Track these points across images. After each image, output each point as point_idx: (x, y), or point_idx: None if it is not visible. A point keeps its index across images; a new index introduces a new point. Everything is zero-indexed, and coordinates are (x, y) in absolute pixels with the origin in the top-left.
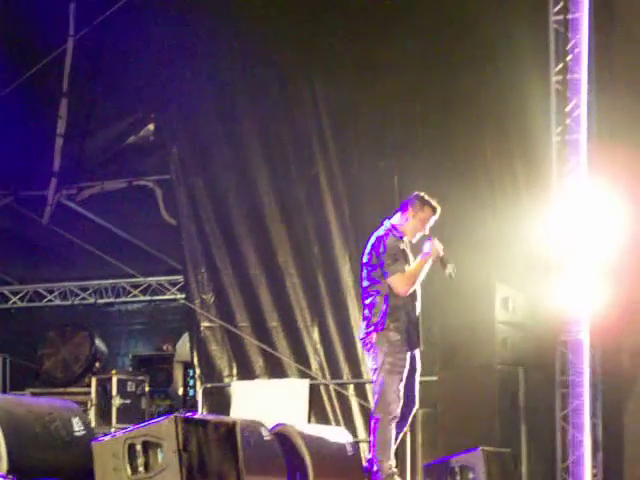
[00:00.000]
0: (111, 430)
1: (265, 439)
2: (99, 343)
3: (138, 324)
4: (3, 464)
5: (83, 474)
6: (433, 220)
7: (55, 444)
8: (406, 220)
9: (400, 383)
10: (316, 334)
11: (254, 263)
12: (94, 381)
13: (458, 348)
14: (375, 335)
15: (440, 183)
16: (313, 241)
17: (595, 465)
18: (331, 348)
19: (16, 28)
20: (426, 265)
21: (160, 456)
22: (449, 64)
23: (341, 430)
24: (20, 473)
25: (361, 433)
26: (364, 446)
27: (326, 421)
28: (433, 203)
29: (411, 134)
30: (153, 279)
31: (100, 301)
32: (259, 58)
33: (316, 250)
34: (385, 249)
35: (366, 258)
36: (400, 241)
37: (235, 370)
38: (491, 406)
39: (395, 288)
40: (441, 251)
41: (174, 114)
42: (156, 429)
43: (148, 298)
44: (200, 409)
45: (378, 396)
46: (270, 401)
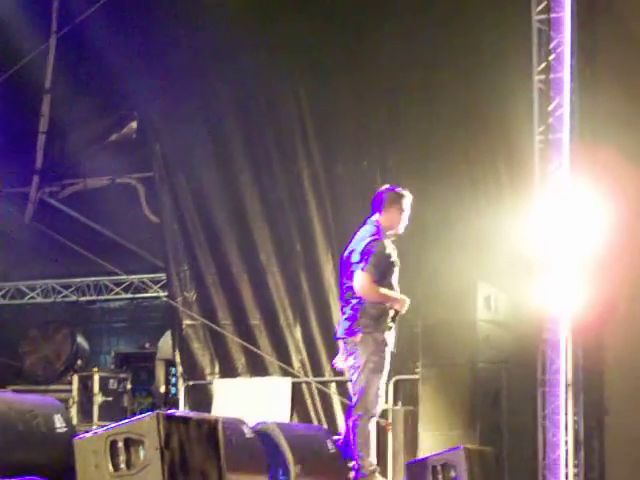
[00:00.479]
0: (93, 427)
1: (247, 437)
2: (81, 341)
3: (120, 322)
4: None
5: (65, 471)
6: (409, 204)
7: (36, 441)
8: (386, 216)
9: (380, 382)
10: (298, 332)
11: (236, 261)
12: (76, 379)
13: (440, 346)
14: (361, 335)
15: (423, 182)
16: (296, 239)
17: (577, 464)
18: (313, 346)
19: None
20: (392, 303)
21: (142, 453)
22: (432, 64)
23: (323, 428)
24: (1, 470)
25: (343, 430)
26: None
27: (308, 419)
28: (399, 191)
29: (394, 133)
30: (135, 277)
31: (82, 299)
32: (242, 57)
33: (299, 248)
34: (371, 251)
35: (355, 257)
36: (388, 244)
37: (217, 368)
38: (473, 404)
39: (355, 284)
40: (403, 311)
41: (157, 112)
42: (138, 426)
43: (130, 296)
44: (182, 407)
45: (360, 395)
46: (252, 399)
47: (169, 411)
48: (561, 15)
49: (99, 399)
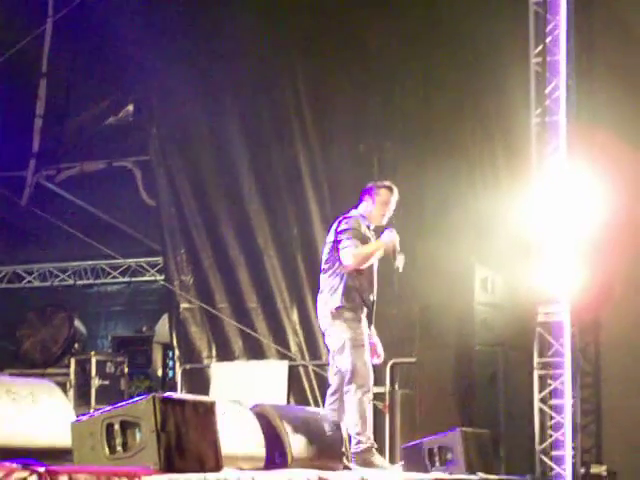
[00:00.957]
0: (90, 411)
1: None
2: (78, 324)
3: (117, 305)
4: None
5: (61, 454)
6: (394, 200)
7: (34, 423)
8: (370, 206)
9: (366, 356)
10: (295, 315)
11: (233, 244)
12: (73, 362)
13: (437, 329)
14: (331, 315)
15: (420, 165)
16: (292, 222)
17: (574, 447)
18: (310, 329)
19: None
20: (379, 251)
21: (138, 436)
22: (428, 47)
23: (320, 410)
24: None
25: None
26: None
27: (305, 402)
28: (387, 184)
29: (391, 117)
30: (132, 260)
31: (79, 282)
32: (239, 41)
33: (295, 232)
34: (346, 228)
35: (329, 238)
36: (363, 224)
37: (214, 351)
38: (470, 387)
39: (343, 260)
40: (397, 244)
41: (153, 95)
42: (134, 409)
43: (127, 279)
44: (179, 390)
45: (350, 373)
46: (249, 382)
47: (165, 394)
48: None
49: (96, 382)
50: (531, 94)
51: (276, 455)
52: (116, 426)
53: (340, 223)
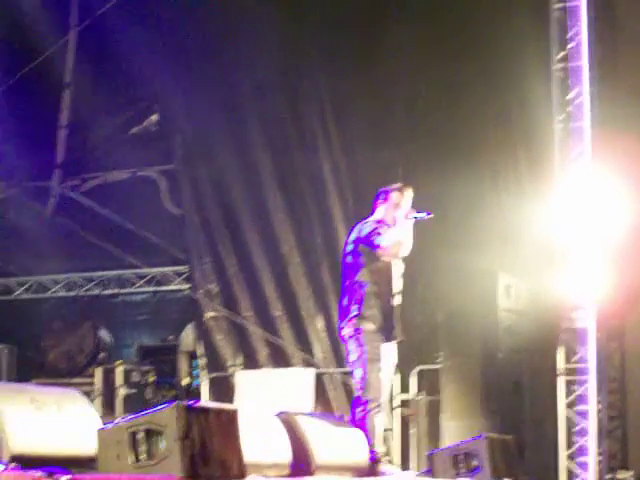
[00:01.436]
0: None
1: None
2: (103, 334)
3: (143, 315)
4: (5, 452)
5: (86, 462)
6: (408, 198)
7: (60, 432)
8: (383, 211)
9: (379, 371)
10: (320, 323)
11: (258, 253)
12: (99, 371)
13: (462, 336)
14: (352, 324)
15: (443, 171)
16: (317, 230)
17: (600, 452)
18: (335, 337)
19: (20, 19)
20: (406, 226)
21: (162, 444)
22: (451, 54)
23: (345, 418)
24: (23, 461)
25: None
26: None
27: (331, 409)
28: (396, 186)
29: (414, 123)
30: (158, 270)
31: (105, 292)
32: (262, 48)
33: (319, 240)
34: (370, 228)
35: (349, 247)
36: (381, 227)
37: (240, 360)
38: (495, 393)
39: (385, 250)
40: (408, 208)
41: (177, 104)
42: (158, 417)
43: (153, 289)
44: (205, 399)
45: (363, 385)
46: (275, 390)
47: (189, 402)
48: (578, 4)
49: (122, 392)
50: (554, 100)
51: (301, 463)
52: (141, 434)
53: (358, 231)
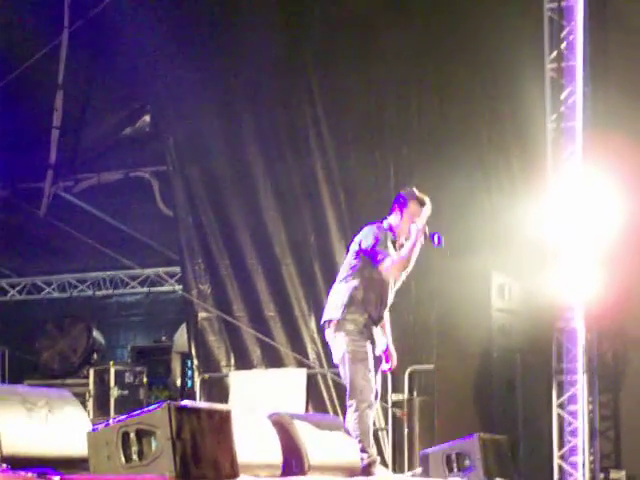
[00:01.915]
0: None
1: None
2: (97, 335)
3: (136, 315)
4: None
5: (77, 463)
6: (425, 213)
7: (51, 433)
8: (398, 219)
9: (366, 370)
10: (313, 323)
11: (251, 253)
12: (92, 372)
13: (455, 336)
14: (333, 325)
15: (436, 171)
16: (309, 230)
17: (592, 452)
18: None
19: (12, 20)
20: (416, 247)
21: (154, 444)
22: (444, 53)
23: (338, 418)
24: (14, 462)
25: None
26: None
27: (324, 410)
28: (419, 196)
29: (406, 123)
30: (151, 270)
31: (98, 293)
32: (254, 48)
33: (312, 240)
34: (377, 241)
35: (353, 246)
36: (391, 234)
37: (233, 360)
38: (488, 393)
39: (389, 270)
40: (426, 227)
41: (170, 105)
42: (149, 417)
43: (146, 289)
44: (198, 399)
45: (349, 387)
46: (268, 391)
47: (181, 402)
48: (572, 3)
49: (115, 393)
50: (546, 100)
51: (293, 463)
52: (132, 435)
53: (370, 236)
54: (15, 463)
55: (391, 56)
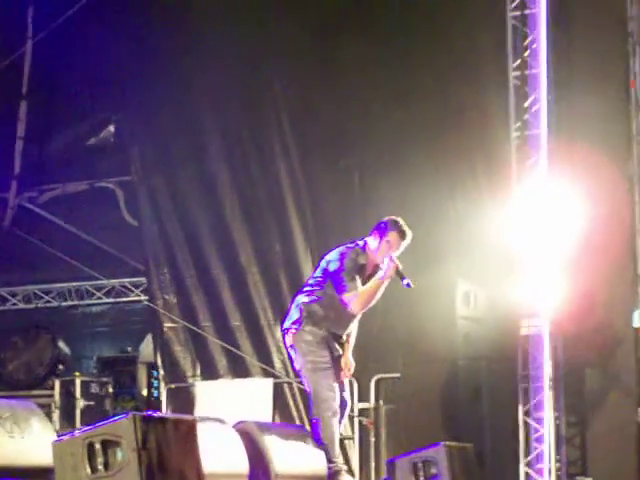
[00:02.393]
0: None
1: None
2: (62, 346)
3: (102, 326)
4: None
5: (43, 473)
6: (402, 245)
7: (14, 444)
8: (376, 245)
9: (329, 379)
10: (279, 332)
11: (216, 263)
12: (58, 383)
13: (420, 344)
14: (291, 335)
15: (400, 180)
16: (275, 240)
17: (559, 460)
18: None
19: None
20: (383, 285)
21: (119, 455)
22: (407, 61)
23: (304, 427)
24: None
25: None
26: None
27: (290, 419)
28: (402, 228)
29: (371, 133)
30: (116, 281)
31: (64, 304)
32: (219, 57)
33: (278, 249)
34: (344, 267)
35: (322, 262)
36: (363, 256)
37: (199, 370)
38: (454, 401)
39: (349, 305)
40: (399, 265)
41: (134, 115)
42: (115, 428)
43: (112, 300)
44: (164, 410)
45: (312, 396)
46: (234, 400)
47: (146, 412)
48: (536, 12)
49: (81, 403)
50: (510, 108)
51: (259, 472)
52: (97, 445)
53: (341, 258)
54: None
55: (355, 64)
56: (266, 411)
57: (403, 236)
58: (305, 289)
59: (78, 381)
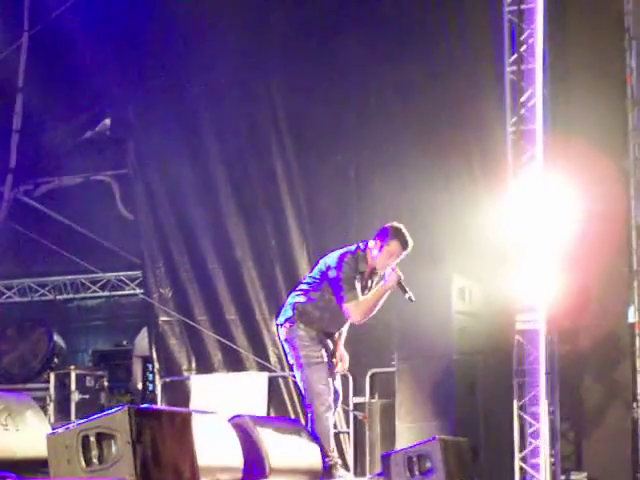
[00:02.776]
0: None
1: (222, 429)
2: (57, 339)
3: (97, 320)
4: None
5: (37, 466)
6: (403, 254)
7: (9, 437)
8: (377, 251)
9: (323, 373)
10: (274, 326)
11: (212, 257)
12: (53, 377)
13: (416, 338)
14: (285, 330)
15: (397, 174)
16: (270, 235)
17: (553, 454)
18: None
19: None
20: (385, 295)
21: (114, 448)
22: (404, 56)
23: (299, 420)
24: None
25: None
26: None
27: (285, 413)
28: (404, 237)
29: (366, 128)
30: (112, 274)
31: (59, 297)
32: (215, 53)
33: (273, 243)
34: (343, 274)
35: (320, 267)
36: (363, 261)
37: (194, 364)
38: (449, 396)
39: (350, 315)
40: (402, 276)
41: (130, 109)
42: (109, 420)
43: (107, 294)
44: (159, 403)
45: (306, 391)
46: (229, 394)
47: (141, 405)
48: (532, 6)
49: (76, 397)
50: (506, 103)
51: (254, 466)
52: (92, 438)
53: (341, 264)
54: None
55: (351, 59)
56: (261, 405)
57: (405, 246)
58: (301, 287)
59: (73, 374)
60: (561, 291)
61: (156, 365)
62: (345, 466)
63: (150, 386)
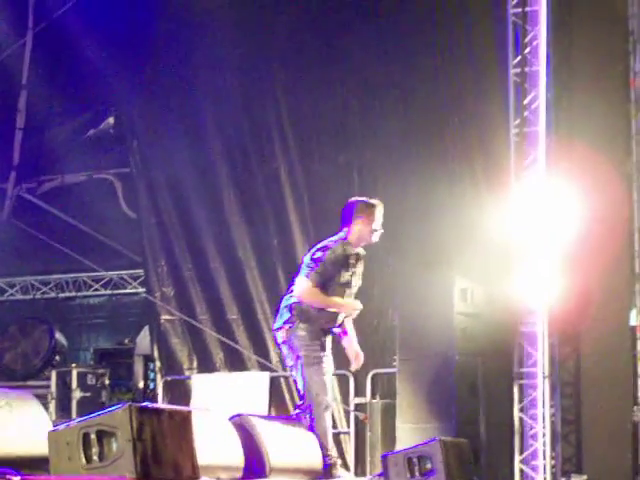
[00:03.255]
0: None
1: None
2: (59, 337)
3: (99, 318)
4: None
5: (38, 463)
6: (379, 213)
7: (11, 433)
8: (354, 226)
9: (321, 374)
10: None
11: (214, 256)
12: (54, 374)
13: (417, 339)
14: (284, 332)
15: (400, 176)
16: (273, 234)
17: (554, 456)
18: None
19: None
20: (338, 309)
21: (114, 445)
22: (407, 59)
23: (299, 420)
24: None
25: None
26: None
27: (286, 413)
28: (368, 201)
29: (370, 128)
30: (114, 273)
31: (61, 295)
32: (220, 55)
33: (276, 243)
34: (319, 258)
35: (305, 259)
36: (349, 245)
37: (195, 363)
38: (450, 397)
39: (298, 290)
40: (354, 315)
41: (134, 107)
42: (110, 418)
43: (109, 292)
44: (160, 402)
45: (304, 391)
46: (230, 394)
47: (142, 403)
48: (536, 9)
49: (77, 395)
50: (510, 105)
51: (254, 465)
52: (92, 435)
53: (319, 250)
54: None
55: (356, 61)
56: (262, 404)
57: (371, 206)
58: (293, 289)
59: (74, 372)
60: (562, 294)
61: (157, 364)
62: (345, 466)
63: (151, 385)
